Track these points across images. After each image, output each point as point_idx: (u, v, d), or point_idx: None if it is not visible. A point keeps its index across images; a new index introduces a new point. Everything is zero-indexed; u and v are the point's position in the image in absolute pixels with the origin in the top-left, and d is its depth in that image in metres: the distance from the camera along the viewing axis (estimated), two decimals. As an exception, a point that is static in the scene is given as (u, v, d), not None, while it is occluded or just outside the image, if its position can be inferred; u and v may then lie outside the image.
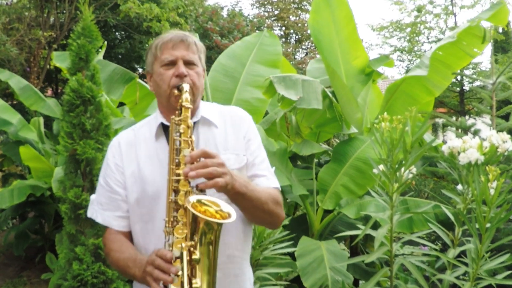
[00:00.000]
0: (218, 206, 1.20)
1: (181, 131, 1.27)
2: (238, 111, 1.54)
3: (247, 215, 1.41)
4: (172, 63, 1.40)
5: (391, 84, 4.50)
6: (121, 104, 5.76)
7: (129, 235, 1.49)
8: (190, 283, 1.15)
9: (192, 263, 1.17)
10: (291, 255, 3.14)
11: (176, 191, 1.24)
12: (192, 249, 1.17)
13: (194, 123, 1.42)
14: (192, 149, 1.25)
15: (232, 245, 1.42)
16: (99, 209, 1.52)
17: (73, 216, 2.80)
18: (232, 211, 1.19)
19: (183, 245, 1.17)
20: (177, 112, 1.32)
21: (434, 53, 4.10)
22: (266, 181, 1.46)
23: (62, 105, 2.91)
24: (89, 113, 2.91)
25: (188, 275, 1.15)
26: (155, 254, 1.20)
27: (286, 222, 3.13)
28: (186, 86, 1.35)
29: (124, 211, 1.47)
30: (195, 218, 1.16)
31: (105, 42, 6.02)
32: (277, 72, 4.50)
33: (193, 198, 1.18)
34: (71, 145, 2.83)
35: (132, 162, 1.45)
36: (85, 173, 2.88)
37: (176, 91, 1.37)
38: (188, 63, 1.41)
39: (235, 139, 1.46)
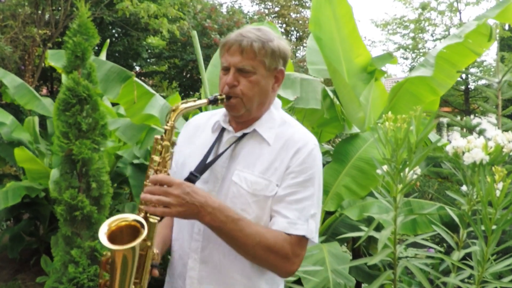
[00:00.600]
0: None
1: (159, 149, 1.30)
2: (299, 139, 1.40)
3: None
4: (227, 69, 1.39)
5: (395, 84, 4.51)
6: (114, 104, 5.75)
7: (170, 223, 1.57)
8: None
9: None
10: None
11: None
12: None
13: (244, 134, 1.42)
14: (157, 171, 1.28)
15: (236, 283, 1.39)
16: None
17: (68, 218, 2.79)
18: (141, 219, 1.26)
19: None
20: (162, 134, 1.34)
21: (439, 51, 4.10)
22: (286, 224, 1.33)
23: (58, 104, 2.91)
24: (85, 112, 2.91)
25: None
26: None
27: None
28: (181, 106, 1.34)
29: None
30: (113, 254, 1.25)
31: (108, 41, 6.01)
32: None
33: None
34: (67, 145, 2.83)
35: (189, 145, 1.51)
36: (81, 173, 2.88)
37: (220, 96, 1.39)
38: (242, 71, 1.37)
39: (278, 165, 1.37)
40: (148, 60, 11.94)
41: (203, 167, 1.38)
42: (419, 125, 2.07)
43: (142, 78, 11.74)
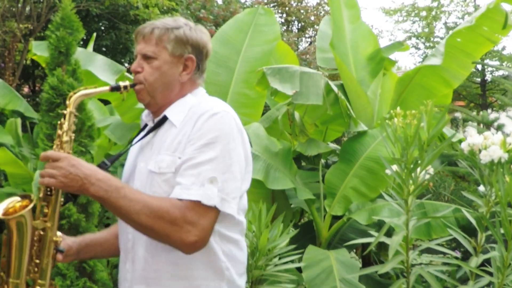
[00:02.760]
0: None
1: (58, 134, 1.46)
2: (205, 110, 1.42)
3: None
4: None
5: (403, 75, 4.50)
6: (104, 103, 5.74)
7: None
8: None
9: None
10: (298, 267, 3.13)
11: None
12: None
13: (159, 123, 1.50)
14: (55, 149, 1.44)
15: (163, 275, 1.41)
16: None
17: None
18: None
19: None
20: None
21: (450, 39, 4.09)
22: (178, 190, 1.34)
23: (41, 104, 2.91)
24: (70, 112, 2.90)
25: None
26: None
27: (292, 232, 3.13)
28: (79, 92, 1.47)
29: None
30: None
31: (94, 34, 6.01)
32: (275, 53, 4.49)
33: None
34: (52, 148, 2.83)
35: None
36: (67, 179, 2.88)
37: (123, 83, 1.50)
38: (145, 57, 1.49)
39: (181, 138, 1.42)
40: (138, 55, 11.94)
41: (115, 158, 1.51)
42: (430, 120, 2.07)
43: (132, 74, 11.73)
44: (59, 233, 1.43)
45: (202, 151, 1.36)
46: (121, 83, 1.48)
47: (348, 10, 4.75)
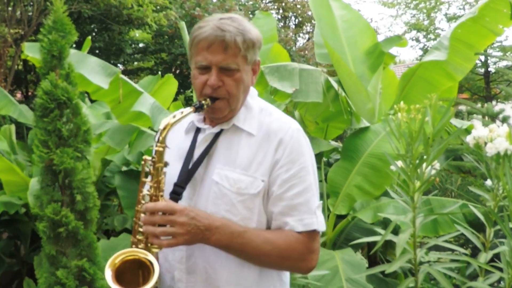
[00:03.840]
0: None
1: (148, 172, 1.34)
2: (281, 128, 1.43)
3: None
4: (207, 69, 1.38)
5: (407, 70, 4.50)
6: (93, 101, 5.75)
7: None
8: None
9: None
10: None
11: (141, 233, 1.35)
12: None
13: (222, 130, 1.45)
14: (153, 197, 1.32)
15: (222, 279, 1.41)
16: None
17: (52, 235, 2.79)
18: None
19: None
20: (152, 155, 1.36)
21: (453, 32, 4.09)
22: (294, 223, 1.38)
23: (34, 109, 2.91)
24: (65, 117, 2.90)
25: None
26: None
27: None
28: (186, 110, 1.36)
29: None
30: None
31: (89, 37, 6.02)
32: (268, 53, 4.50)
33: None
34: (47, 154, 2.83)
35: (169, 150, 1.49)
36: (64, 186, 2.87)
37: (205, 101, 1.39)
38: (226, 70, 1.38)
39: (262, 159, 1.40)
40: (132, 56, 11.95)
41: (186, 175, 1.41)
42: (435, 114, 2.07)
43: (127, 75, 11.76)
44: None
45: (300, 178, 1.40)
46: (204, 102, 1.38)
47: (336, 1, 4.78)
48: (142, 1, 7.90)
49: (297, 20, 19.27)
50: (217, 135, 1.45)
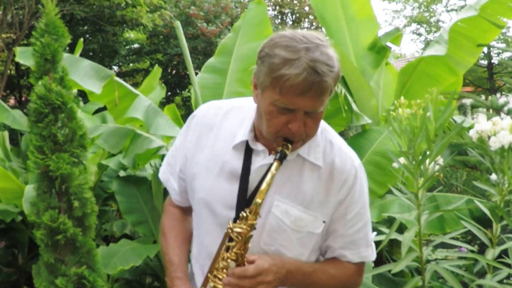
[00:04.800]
0: None
1: (236, 239, 1.30)
2: (344, 164, 1.41)
3: None
4: (290, 111, 1.27)
5: (406, 64, 4.50)
6: (99, 110, 5.77)
7: (190, 209, 1.58)
8: None
9: None
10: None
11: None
12: None
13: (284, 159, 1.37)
14: (240, 263, 1.31)
15: None
16: (166, 170, 1.62)
17: (50, 243, 2.80)
18: None
19: None
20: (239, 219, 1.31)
21: (454, 25, 4.09)
22: (353, 257, 1.47)
23: (29, 115, 2.91)
24: (60, 122, 2.91)
25: None
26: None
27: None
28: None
29: (179, 189, 1.58)
30: None
31: (81, 39, 6.03)
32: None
33: None
34: (43, 160, 2.83)
35: (202, 152, 1.47)
36: (60, 192, 2.88)
37: (282, 141, 1.31)
38: (312, 112, 1.29)
39: (324, 198, 1.39)
40: (127, 58, 11.95)
41: (244, 202, 1.36)
42: (437, 109, 2.07)
43: (122, 78, 11.76)
44: None
45: (361, 215, 1.46)
46: (285, 150, 1.30)
47: None
48: (137, 2, 7.90)
49: (294, 17, 19.29)
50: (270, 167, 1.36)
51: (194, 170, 1.47)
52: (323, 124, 1.45)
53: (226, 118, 1.47)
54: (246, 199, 1.37)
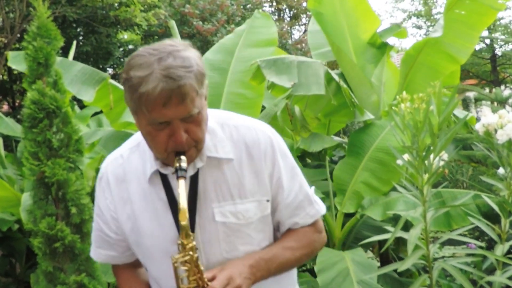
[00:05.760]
0: None
1: (186, 267, 1.30)
2: (257, 139, 1.42)
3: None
4: (166, 123, 1.27)
5: (404, 55, 4.49)
6: (96, 113, 5.77)
7: (138, 262, 1.56)
8: None
9: None
10: (310, 271, 3.14)
11: None
12: None
13: (198, 169, 1.38)
14: (204, 285, 1.30)
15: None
16: (94, 246, 1.57)
17: (48, 251, 2.79)
18: None
19: None
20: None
21: (450, 12, 4.09)
22: (305, 220, 1.50)
23: (22, 120, 2.91)
24: (55, 127, 2.91)
25: None
26: None
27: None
28: (183, 173, 1.28)
29: (119, 252, 1.54)
30: None
31: (74, 42, 6.03)
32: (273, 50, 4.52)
33: None
34: (38, 166, 2.83)
35: (126, 205, 1.44)
36: (57, 198, 2.88)
37: (174, 156, 1.30)
38: (188, 119, 1.28)
39: (255, 179, 1.41)
40: (122, 59, 11.95)
41: (186, 227, 1.31)
42: (440, 103, 2.07)
43: (117, 80, 11.75)
44: None
45: (294, 178, 1.48)
46: (181, 164, 1.29)
47: None
48: (130, 1, 7.90)
49: (291, 12, 19.28)
50: (195, 176, 1.38)
51: (130, 225, 1.45)
52: (219, 118, 1.45)
53: (130, 162, 1.45)
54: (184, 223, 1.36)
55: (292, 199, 1.46)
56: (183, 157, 1.29)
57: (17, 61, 3.93)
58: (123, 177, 1.45)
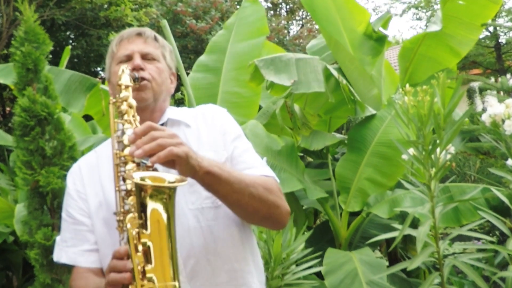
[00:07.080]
0: (165, 180, 1.20)
1: (122, 111, 1.34)
2: (209, 108, 1.62)
3: (235, 208, 1.41)
4: (129, 58, 1.50)
5: (401, 48, 4.49)
6: (90, 118, 5.75)
7: (100, 272, 1.50)
8: (144, 270, 1.16)
9: (143, 246, 1.17)
10: (318, 273, 3.14)
11: (125, 178, 1.26)
12: (140, 229, 1.17)
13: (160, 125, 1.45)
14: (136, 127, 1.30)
15: (230, 257, 1.45)
16: (64, 247, 1.56)
17: (45, 262, 2.79)
18: (184, 177, 1.22)
19: (129, 225, 1.19)
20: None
21: (451, 3, 4.09)
22: (253, 170, 1.48)
23: (13, 129, 2.90)
24: (47, 134, 2.90)
25: (141, 261, 1.16)
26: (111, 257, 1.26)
27: (307, 234, 3.13)
28: (132, 73, 1.43)
29: (91, 243, 1.52)
30: (140, 190, 1.16)
31: (69, 47, 6.02)
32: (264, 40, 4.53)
33: (137, 175, 1.18)
34: (31, 176, 2.83)
35: (96, 186, 1.51)
36: (52, 208, 2.87)
37: (132, 84, 1.41)
38: (147, 57, 1.52)
39: (211, 137, 1.53)
40: (114, 62, 11.94)
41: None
42: (444, 95, 2.07)
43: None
44: None
45: (241, 140, 1.56)
46: (136, 73, 1.43)
47: None
48: (120, 0, 7.89)
49: (288, 7, 19.28)
50: None
51: (97, 200, 1.48)
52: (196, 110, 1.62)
53: (102, 151, 1.57)
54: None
55: (245, 158, 1.51)
56: (136, 74, 1.44)
57: (3, 75, 3.91)
58: (95, 163, 1.55)
